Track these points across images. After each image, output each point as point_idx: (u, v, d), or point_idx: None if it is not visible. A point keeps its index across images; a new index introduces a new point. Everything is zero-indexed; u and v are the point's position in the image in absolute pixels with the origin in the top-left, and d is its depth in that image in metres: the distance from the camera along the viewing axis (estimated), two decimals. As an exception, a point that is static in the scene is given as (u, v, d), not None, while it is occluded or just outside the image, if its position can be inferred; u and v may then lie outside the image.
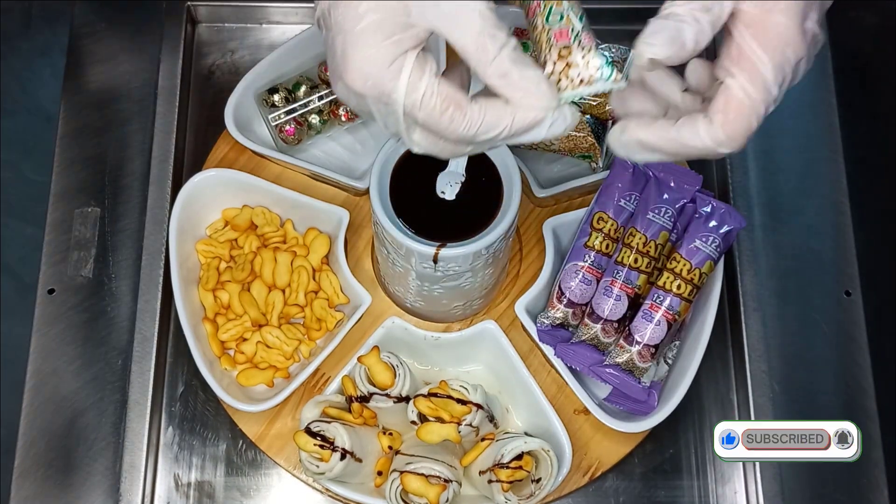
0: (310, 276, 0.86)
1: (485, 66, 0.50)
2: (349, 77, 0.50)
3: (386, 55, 0.49)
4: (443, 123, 0.51)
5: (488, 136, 0.52)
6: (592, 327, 0.80)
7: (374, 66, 0.49)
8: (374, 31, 0.49)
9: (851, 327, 0.87)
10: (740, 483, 0.85)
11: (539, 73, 0.51)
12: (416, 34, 0.50)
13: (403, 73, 0.50)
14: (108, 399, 0.84)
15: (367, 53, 0.49)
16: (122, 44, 0.97)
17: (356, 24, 0.49)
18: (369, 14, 0.49)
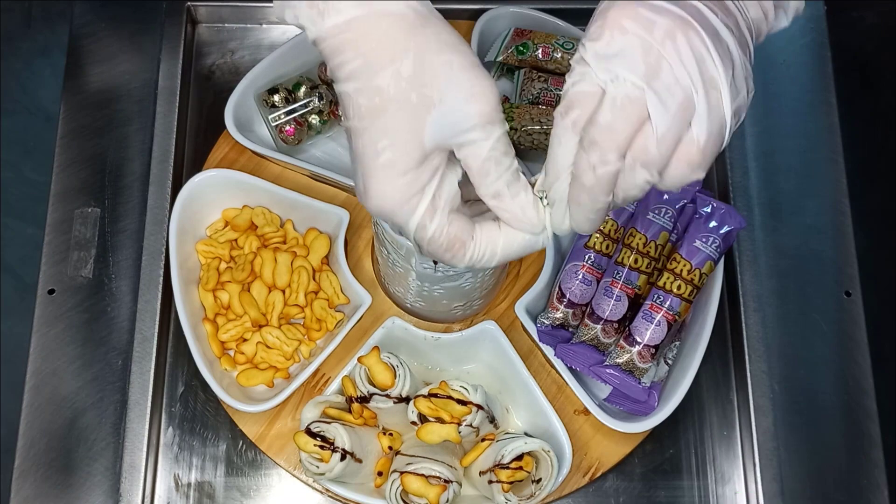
0: (310, 277, 0.86)
1: (483, 185, 0.53)
2: (369, 205, 0.52)
3: (401, 194, 0.51)
4: (445, 258, 0.55)
5: (483, 266, 0.56)
6: (593, 328, 0.80)
7: (389, 202, 0.52)
8: (391, 167, 0.51)
9: (851, 327, 0.87)
10: (740, 483, 0.85)
11: (529, 199, 0.54)
12: (433, 165, 0.52)
13: (416, 214, 0.52)
14: (108, 399, 0.84)
15: (383, 190, 0.51)
16: (122, 44, 0.97)
17: (375, 160, 0.51)
18: (386, 151, 0.51)
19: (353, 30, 0.50)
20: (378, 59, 0.50)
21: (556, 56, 0.91)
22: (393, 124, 0.50)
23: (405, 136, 0.50)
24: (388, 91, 0.50)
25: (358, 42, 0.50)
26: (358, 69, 0.50)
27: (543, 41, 0.92)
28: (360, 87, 0.50)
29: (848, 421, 0.84)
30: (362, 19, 0.50)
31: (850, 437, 0.84)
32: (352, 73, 0.50)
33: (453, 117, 0.51)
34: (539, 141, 0.88)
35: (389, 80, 0.50)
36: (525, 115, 0.88)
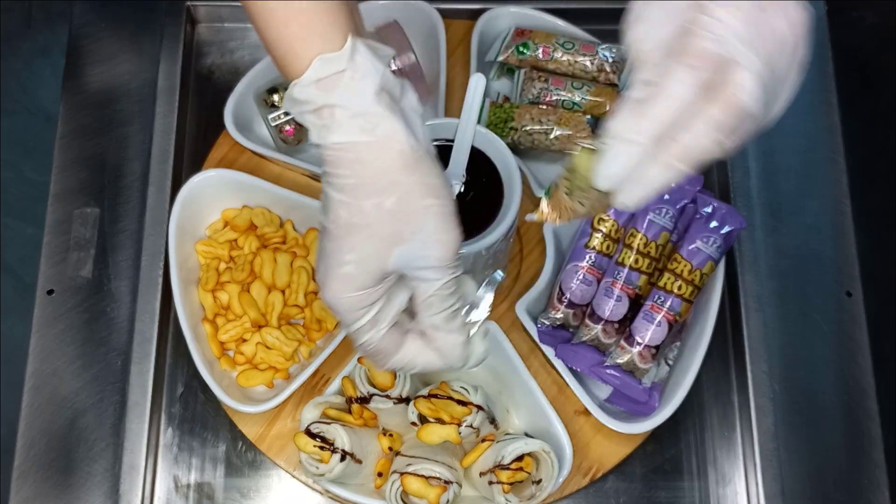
0: (310, 277, 0.86)
1: (424, 315, 0.59)
2: (322, 297, 0.57)
3: (351, 304, 0.56)
4: (373, 358, 0.61)
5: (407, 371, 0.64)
6: (593, 328, 0.80)
7: (339, 305, 0.57)
8: (350, 280, 0.55)
9: (852, 328, 0.87)
10: (741, 484, 0.85)
11: (459, 340, 0.61)
12: (385, 286, 0.57)
13: (358, 323, 0.57)
14: (107, 400, 0.84)
15: (337, 294, 0.56)
16: (122, 44, 0.97)
17: (337, 268, 0.56)
18: (349, 265, 0.55)
19: (353, 152, 0.54)
20: (369, 185, 0.54)
21: (556, 56, 0.91)
22: (363, 245, 0.55)
23: (370, 259, 0.55)
24: (368, 217, 0.54)
25: (355, 165, 0.54)
26: (348, 186, 0.54)
27: (544, 41, 0.92)
28: (345, 202, 0.54)
29: (848, 421, 0.84)
30: (364, 146, 0.53)
31: (850, 437, 0.84)
32: (342, 187, 0.54)
33: (416, 254, 0.55)
34: (539, 141, 0.88)
35: (372, 208, 0.54)
36: (525, 115, 0.88)
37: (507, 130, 0.88)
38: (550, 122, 0.88)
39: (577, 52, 0.91)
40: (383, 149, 0.53)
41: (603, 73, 0.91)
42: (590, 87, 0.90)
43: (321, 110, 0.54)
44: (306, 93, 0.53)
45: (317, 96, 0.53)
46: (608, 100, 0.90)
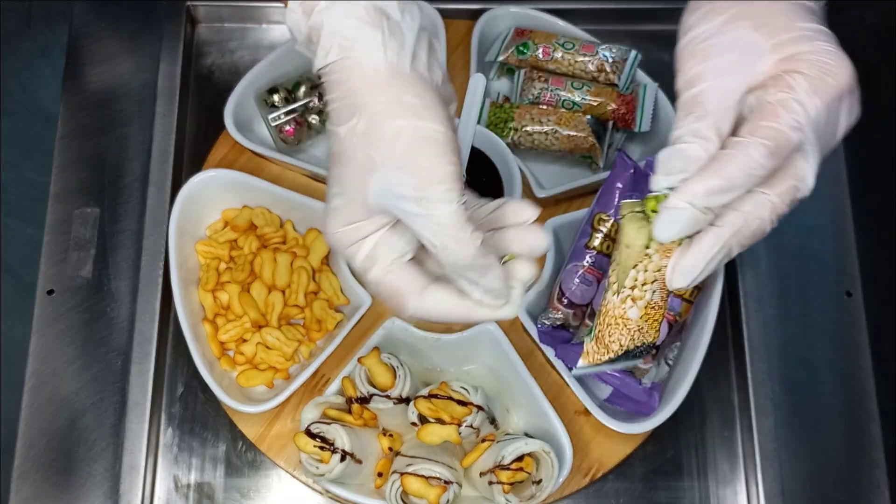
0: (310, 277, 0.86)
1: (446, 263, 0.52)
2: (325, 236, 0.55)
3: (344, 238, 0.54)
4: (389, 304, 0.55)
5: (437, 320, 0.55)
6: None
7: (336, 242, 0.54)
8: (338, 213, 0.53)
9: (852, 328, 0.87)
10: (741, 484, 0.85)
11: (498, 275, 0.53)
12: (378, 222, 0.53)
13: (356, 259, 0.54)
14: (107, 400, 0.84)
15: (332, 229, 0.54)
16: (122, 44, 0.96)
17: (329, 201, 0.54)
18: (336, 198, 0.53)
19: (335, 73, 0.52)
20: (343, 109, 0.52)
21: (556, 56, 0.91)
22: (343, 175, 0.53)
23: (351, 190, 0.53)
24: (344, 143, 0.52)
25: (335, 88, 0.52)
26: (334, 112, 0.52)
27: (544, 41, 0.92)
28: (332, 130, 0.53)
29: (848, 421, 0.84)
30: (340, 65, 0.51)
31: (850, 437, 0.84)
32: (330, 115, 0.53)
33: (390, 184, 0.51)
34: (539, 141, 0.88)
35: (346, 134, 0.52)
36: (525, 115, 0.88)
37: (507, 130, 0.88)
38: (550, 122, 0.88)
39: (577, 52, 0.91)
40: (356, 67, 0.51)
41: (603, 73, 0.91)
42: (590, 87, 0.90)
43: (310, 37, 0.52)
44: (292, 19, 0.52)
45: (301, 22, 0.52)
46: (608, 100, 0.90)
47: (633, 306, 0.55)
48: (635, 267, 0.54)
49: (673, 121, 0.90)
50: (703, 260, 0.51)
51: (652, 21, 1.00)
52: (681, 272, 0.52)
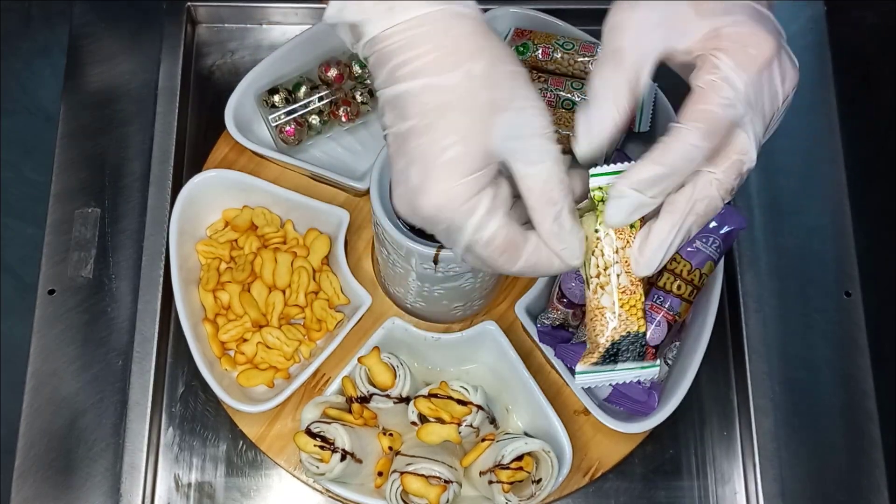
0: (310, 277, 0.86)
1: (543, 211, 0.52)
2: (423, 205, 0.51)
3: (464, 192, 0.50)
4: (499, 262, 0.53)
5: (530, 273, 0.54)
6: (593, 328, 0.80)
7: (450, 200, 0.50)
8: (456, 165, 0.50)
9: (851, 328, 0.87)
10: (740, 484, 0.85)
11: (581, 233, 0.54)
12: (493, 170, 0.51)
13: (476, 214, 0.51)
14: (108, 400, 0.84)
15: (445, 187, 0.50)
16: (122, 44, 0.97)
17: (438, 157, 0.50)
18: (453, 147, 0.50)
19: (427, 25, 0.50)
20: (451, 56, 0.50)
21: (556, 56, 0.91)
22: (461, 122, 0.50)
23: (472, 135, 0.50)
24: (458, 89, 0.50)
25: (431, 38, 0.50)
26: (426, 66, 0.50)
27: (543, 41, 0.92)
28: (428, 84, 0.50)
29: (848, 421, 0.85)
30: (438, 15, 0.50)
31: (850, 437, 0.84)
32: (419, 70, 0.50)
33: (516, 123, 0.51)
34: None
35: (461, 79, 0.50)
36: (525, 116, 0.88)
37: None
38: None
39: (577, 52, 0.91)
40: (460, 16, 0.50)
41: (603, 73, 0.91)
42: (590, 87, 0.90)
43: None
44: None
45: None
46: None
47: (602, 293, 0.56)
48: (593, 253, 0.55)
49: (671, 120, 0.90)
50: (664, 246, 0.53)
51: (652, 21, 1.00)
52: (645, 262, 0.54)
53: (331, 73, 0.88)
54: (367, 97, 0.89)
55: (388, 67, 0.51)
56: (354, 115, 0.89)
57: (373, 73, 0.52)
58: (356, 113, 0.89)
